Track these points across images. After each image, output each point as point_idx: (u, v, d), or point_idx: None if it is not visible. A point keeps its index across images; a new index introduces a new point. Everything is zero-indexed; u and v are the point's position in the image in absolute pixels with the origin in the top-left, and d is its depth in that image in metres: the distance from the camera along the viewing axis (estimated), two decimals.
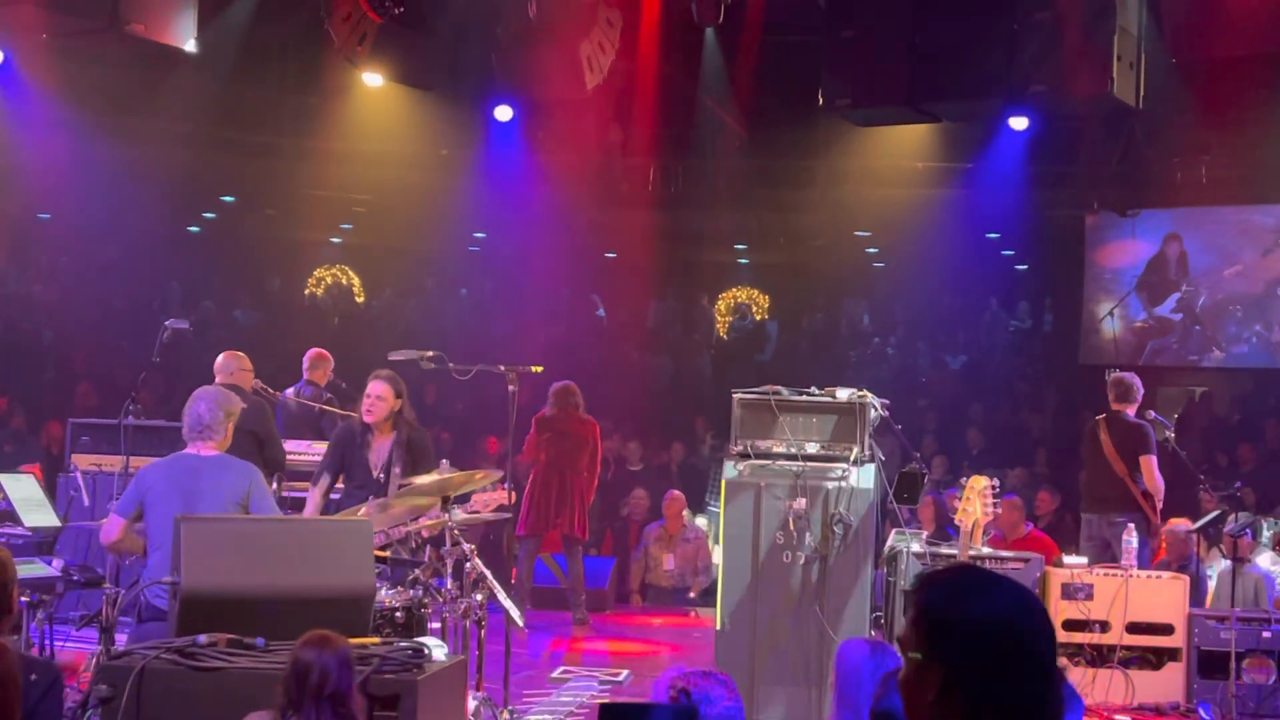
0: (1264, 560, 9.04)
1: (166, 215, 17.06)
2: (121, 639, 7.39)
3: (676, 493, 13.08)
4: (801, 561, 7.96)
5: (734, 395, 8.24)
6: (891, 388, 9.85)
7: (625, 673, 9.29)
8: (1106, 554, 9.59)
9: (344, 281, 21.23)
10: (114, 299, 17.10)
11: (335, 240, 21.02)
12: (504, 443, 11.02)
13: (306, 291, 20.92)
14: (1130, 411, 9.92)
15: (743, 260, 21.28)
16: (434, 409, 16.68)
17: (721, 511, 8.20)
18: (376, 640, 5.43)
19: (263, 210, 17.97)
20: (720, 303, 21.27)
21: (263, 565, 5.55)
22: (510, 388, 9.17)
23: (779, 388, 8.21)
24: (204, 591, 5.37)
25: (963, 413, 17.92)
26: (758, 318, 21.25)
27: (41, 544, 8.37)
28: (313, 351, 11.02)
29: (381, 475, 8.02)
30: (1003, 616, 2.35)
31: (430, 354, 8.56)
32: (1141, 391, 9.98)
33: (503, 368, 8.57)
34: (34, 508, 8.17)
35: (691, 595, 12.85)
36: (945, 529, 10.77)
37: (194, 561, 5.41)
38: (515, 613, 7.27)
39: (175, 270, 18.20)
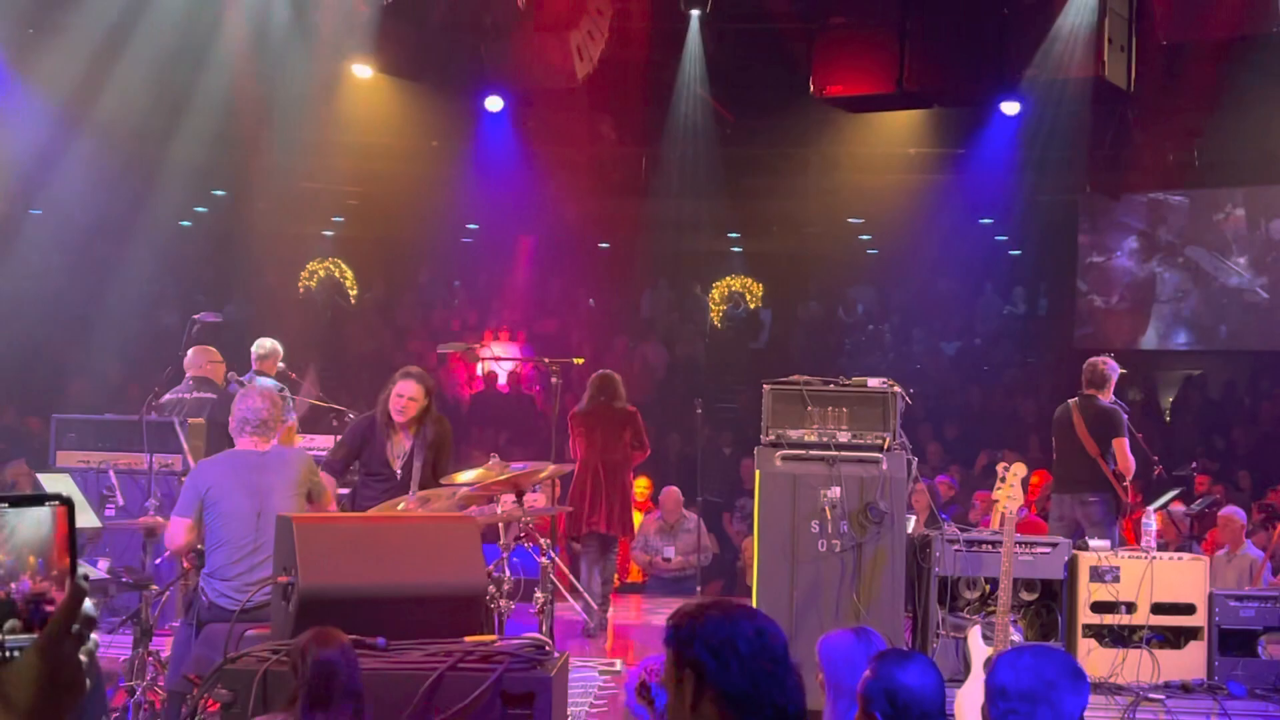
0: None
1: (158, 210, 17.07)
2: (160, 641, 7.41)
3: (673, 489, 13.12)
4: (837, 549, 8.07)
5: (764, 386, 8.34)
6: (887, 374, 9.91)
7: (619, 663, 9.24)
8: (1076, 534, 9.62)
9: (337, 274, 21.22)
10: (106, 294, 17.11)
11: (327, 233, 21.03)
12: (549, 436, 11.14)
13: (300, 285, 21.00)
14: (1103, 397, 10.08)
15: (736, 249, 21.13)
16: (482, 400, 16.87)
17: (756, 501, 8.25)
18: (494, 637, 5.39)
19: (254, 204, 17.97)
20: (714, 291, 21.14)
21: (376, 564, 5.55)
22: (553, 380, 9.80)
23: (807, 377, 8.32)
24: (320, 591, 5.35)
25: (957, 398, 17.98)
26: (751, 306, 21.08)
27: (81, 546, 8.29)
28: (262, 342, 10.83)
29: (401, 470, 7.98)
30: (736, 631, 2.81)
31: (479, 348, 8.63)
32: (1116, 377, 10.18)
33: (545, 360, 8.83)
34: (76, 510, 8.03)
35: (690, 575, 12.93)
36: (937, 515, 10.75)
37: (309, 561, 5.40)
38: (583, 606, 7.21)
39: (168, 265, 18.20)
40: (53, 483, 8.24)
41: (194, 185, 17.50)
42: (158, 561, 8.02)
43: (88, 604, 1.77)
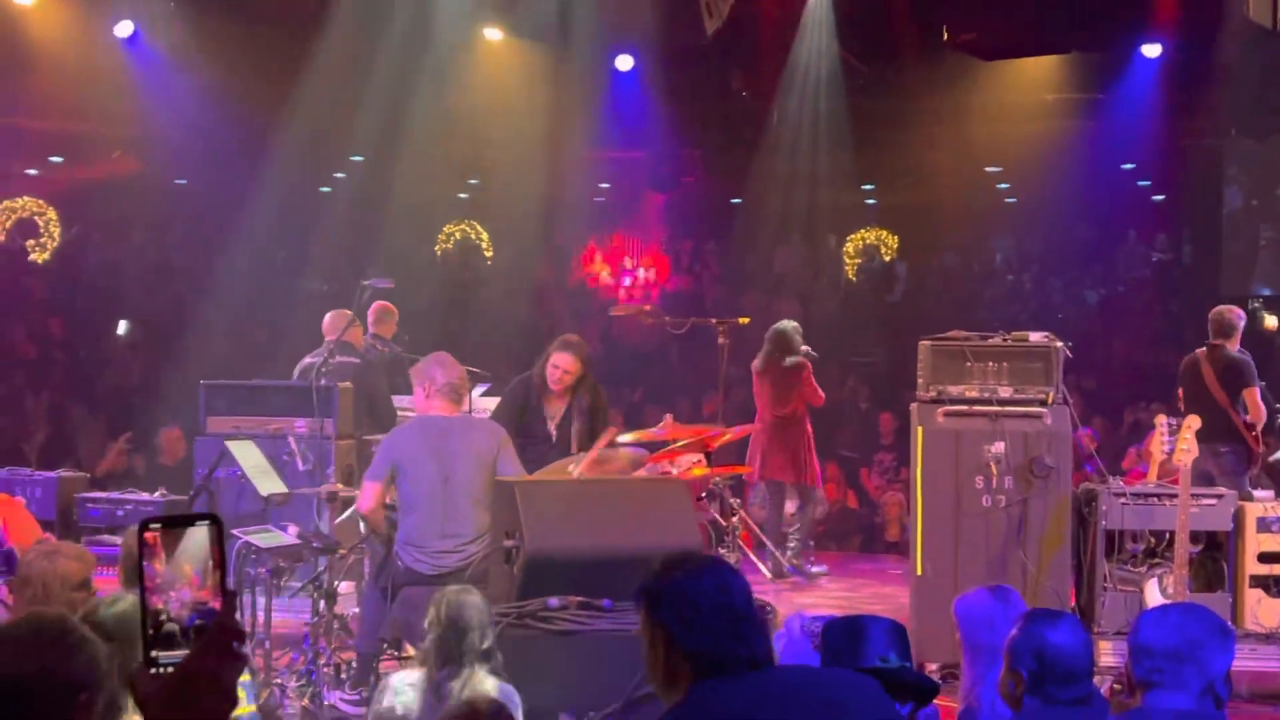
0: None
1: (299, 177, 17.42)
2: (345, 607, 7.54)
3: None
4: (1002, 505, 8.14)
5: (922, 342, 8.44)
6: (1028, 326, 9.90)
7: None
8: (1207, 484, 9.51)
9: (472, 236, 21.42)
10: (248, 262, 17.54)
11: (462, 195, 20.92)
12: (716, 398, 11.32)
13: (436, 249, 21.21)
14: (1231, 346, 10.00)
15: (869, 201, 20.88)
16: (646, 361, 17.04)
17: (918, 457, 8.31)
18: None
19: (392, 168, 18.25)
20: (848, 245, 20.97)
21: (597, 526, 5.74)
22: (720, 340, 10.08)
23: (967, 333, 8.40)
24: (546, 554, 5.54)
25: (1099, 348, 17.71)
26: (886, 259, 20.69)
27: (265, 513, 8.39)
28: (378, 305, 10.99)
29: (556, 431, 8.13)
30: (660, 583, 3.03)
31: (649, 307, 8.76)
32: (1243, 325, 10.10)
33: (713, 320, 9.60)
34: (263, 475, 8.16)
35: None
36: (1083, 467, 10.74)
37: (534, 525, 5.60)
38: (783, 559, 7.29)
39: (310, 231, 18.57)
40: (240, 450, 8.27)
41: (333, 151, 17.87)
42: (335, 521, 8.22)
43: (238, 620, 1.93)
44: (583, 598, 5.21)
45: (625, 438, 7.98)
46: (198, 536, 1.91)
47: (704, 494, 9.15)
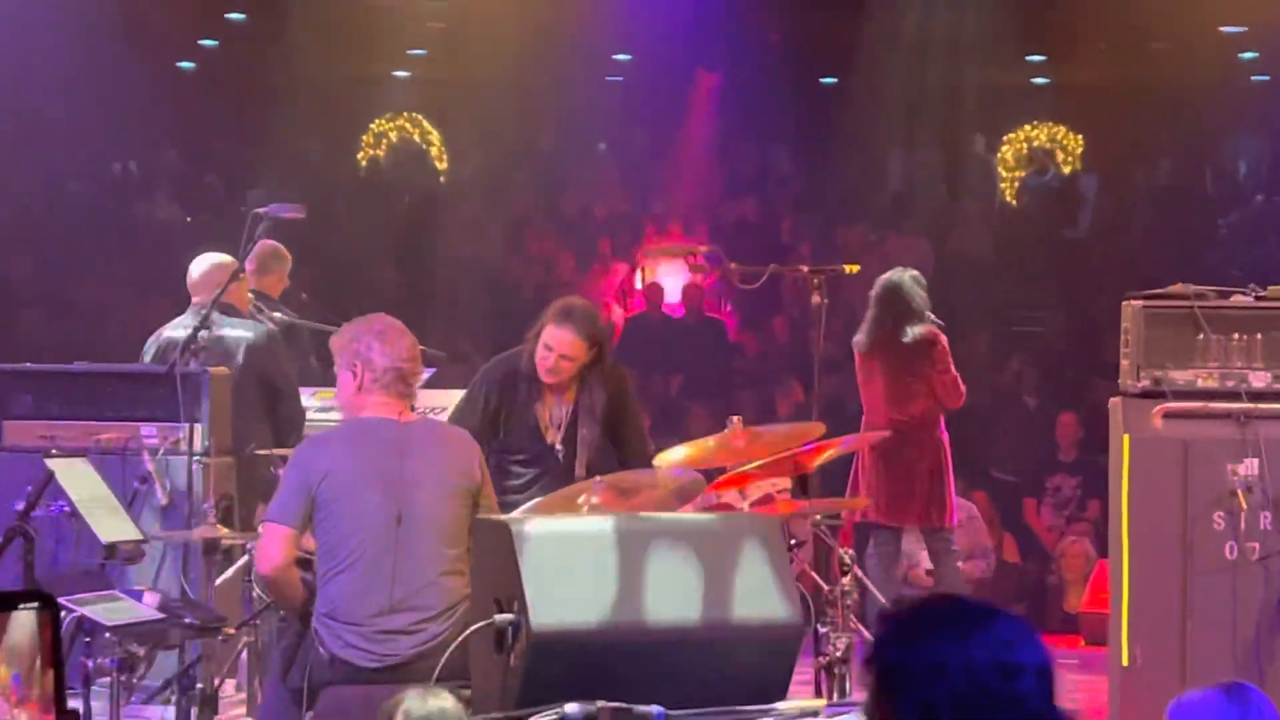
0: None
1: (145, 50, 17.30)
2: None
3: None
4: (1256, 556, 8.09)
5: (1126, 303, 8.35)
6: None
7: None
8: None
9: (416, 138, 21.54)
10: (69, 180, 17.41)
11: (400, 74, 21.21)
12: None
13: (360, 156, 21.30)
14: None
15: (1039, 80, 20.95)
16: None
17: (1123, 480, 8.28)
18: (824, 702, 5.93)
19: (289, 34, 18.12)
20: (1004, 149, 21.01)
21: (639, 590, 5.78)
22: (814, 299, 9.89)
23: (1198, 288, 8.33)
24: (560, 634, 5.61)
25: None
26: (1065, 170, 21.00)
27: (102, 570, 8.37)
28: (261, 246, 10.84)
29: (560, 444, 8.28)
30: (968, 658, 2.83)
31: (703, 249, 8.63)
32: None
33: (804, 268, 9.37)
34: (105, 512, 8.13)
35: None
36: None
37: (541, 589, 5.63)
38: None
39: (161, 131, 18.52)
40: (69, 475, 8.14)
41: (202, 13, 17.75)
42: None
43: None
44: (619, 703, 5.24)
45: (668, 455, 7.96)
46: (20, 626, 1.88)
47: (792, 541, 8.97)
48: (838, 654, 7.63)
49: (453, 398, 9.40)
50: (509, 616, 5.65)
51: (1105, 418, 8.30)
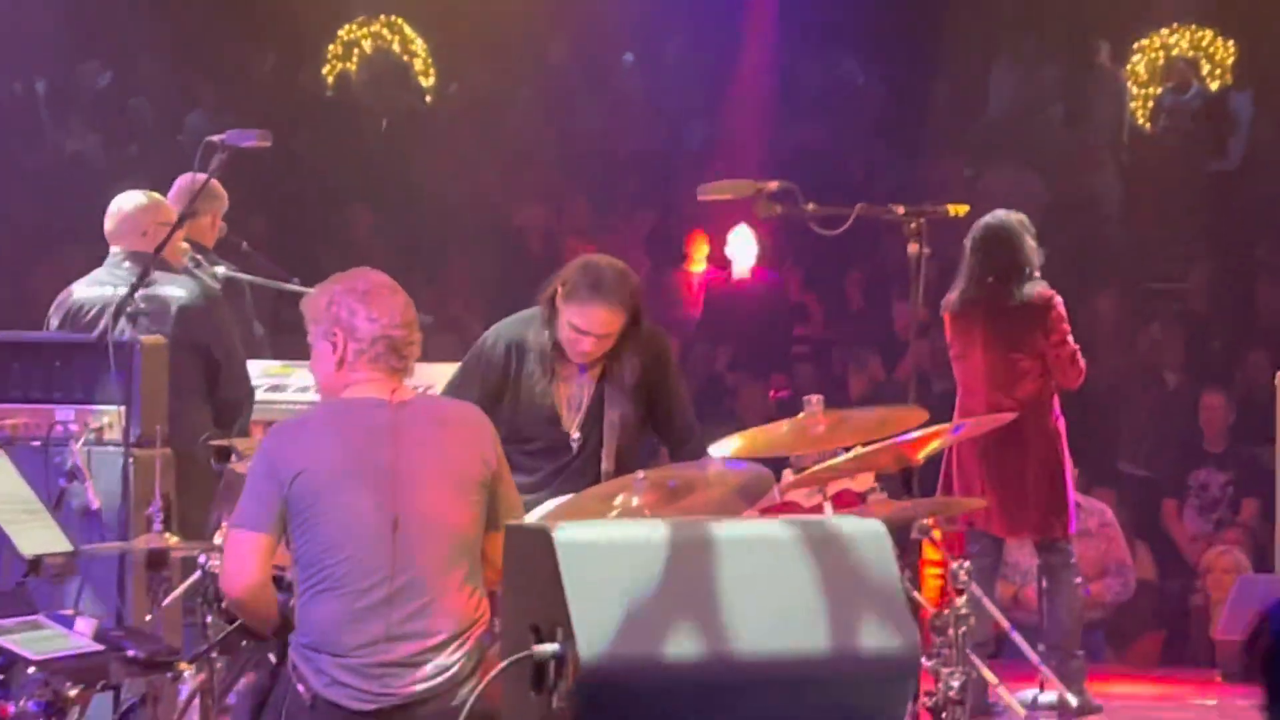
0: None
1: None
2: None
3: None
4: None
5: None
6: None
7: None
8: None
9: (394, 47, 21.67)
10: None
11: None
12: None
13: (325, 70, 21.41)
14: None
15: None
16: None
17: None
18: None
19: None
20: (1136, 60, 20.82)
21: (713, 613, 5.87)
22: (910, 248, 10.19)
23: None
24: (619, 671, 5.67)
25: None
26: (1212, 86, 20.70)
27: (17, 591, 8.32)
28: (183, 181, 11.03)
29: (579, 430, 8.59)
30: None
31: (773, 186, 8.65)
32: None
33: (900, 209, 9.54)
34: (26, 519, 8.21)
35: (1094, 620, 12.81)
36: None
37: (591, 612, 5.71)
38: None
39: (74, 41, 18.48)
40: None
41: None
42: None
43: None
44: None
45: (725, 444, 8.03)
46: None
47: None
48: (950, 694, 7.92)
49: (442, 374, 9.75)
50: (551, 648, 5.73)
51: (1263, 398, 8.22)
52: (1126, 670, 13.35)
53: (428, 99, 21.14)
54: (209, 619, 7.95)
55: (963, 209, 10.88)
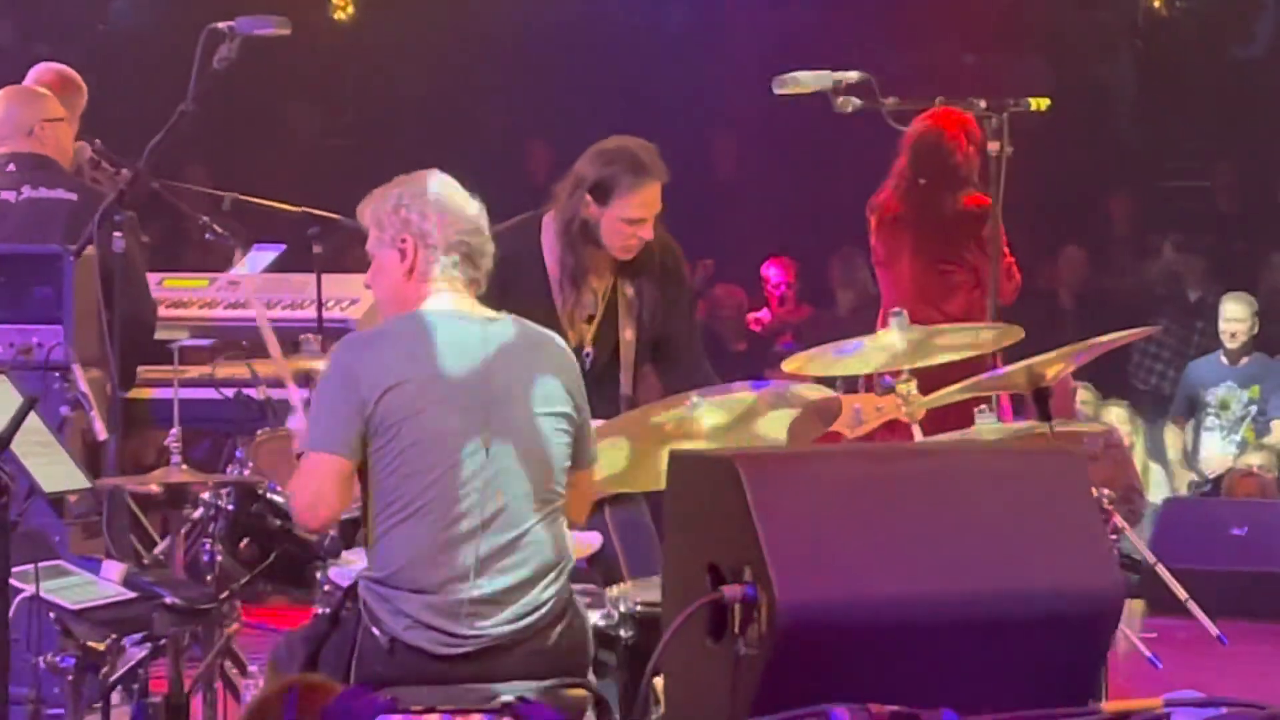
0: None
1: None
2: None
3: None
4: None
5: None
6: None
7: None
8: None
9: None
10: None
11: None
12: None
13: None
14: None
15: None
16: None
17: None
18: (1153, 703, 5.92)
19: None
20: None
21: (915, 551, 5.98)
22: (991, 145, 10.18)
23: None
24: (814, 610, 5.75)
25: None
26: None
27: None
28: (40, 71, 11.04)
29: (592, 346, 8.66)
30: None
31: (853, 76, 9.41)
32: None
33: (983, 103, 9.75)
34: (41, 452, 8.09)
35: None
36: None
37: (786, 549, 5.78)
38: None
39: None
40: None
41: None
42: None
43: None
44: (896, 706, 5.44)
45: (794, 360, 8.23)
46: None
47: None
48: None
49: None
50: (741, 589, 5.70)
51: None
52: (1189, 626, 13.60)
53: None
54: (218, 559, 8.15)
55: (1044, 102, 10.35)
